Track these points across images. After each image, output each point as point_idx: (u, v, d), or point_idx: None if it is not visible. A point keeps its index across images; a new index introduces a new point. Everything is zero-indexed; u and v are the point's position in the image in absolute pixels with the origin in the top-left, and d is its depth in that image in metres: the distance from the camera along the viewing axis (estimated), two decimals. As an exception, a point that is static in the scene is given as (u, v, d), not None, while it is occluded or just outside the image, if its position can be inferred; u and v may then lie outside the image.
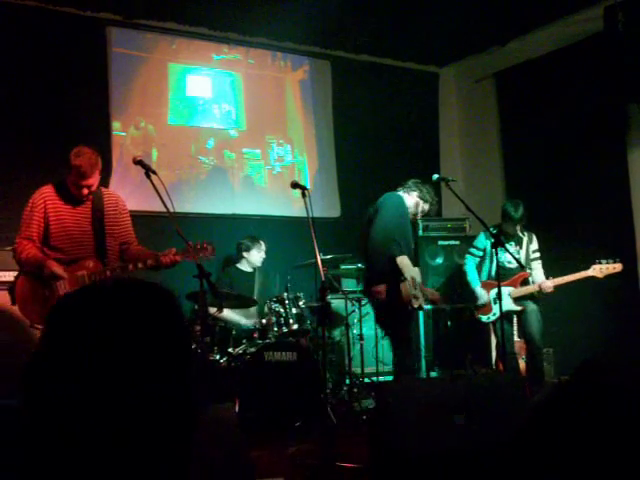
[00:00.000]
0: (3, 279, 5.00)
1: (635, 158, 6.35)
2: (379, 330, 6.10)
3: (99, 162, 4.21)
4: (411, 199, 5.10)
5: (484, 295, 5.73)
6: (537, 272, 5.76)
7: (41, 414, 0.95)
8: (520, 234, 5.76)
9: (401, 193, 5.10)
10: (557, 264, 5.85)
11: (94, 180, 4.21)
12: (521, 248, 5.74)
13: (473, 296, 5.82)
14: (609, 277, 5.43)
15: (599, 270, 5.38)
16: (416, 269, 5.20)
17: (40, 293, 4.09)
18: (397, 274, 4.97)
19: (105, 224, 4.36)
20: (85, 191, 4.23)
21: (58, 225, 4.23)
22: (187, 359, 1.03)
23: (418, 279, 5.12)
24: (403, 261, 4.82)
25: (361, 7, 6.53)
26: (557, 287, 5.57)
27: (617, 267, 5.39)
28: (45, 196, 4.25)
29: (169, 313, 1.03)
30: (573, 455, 0.98)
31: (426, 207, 5.17)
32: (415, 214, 5.16)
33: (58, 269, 4.07)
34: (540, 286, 5.59)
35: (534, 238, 5.85)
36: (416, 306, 5.02)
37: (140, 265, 4.16)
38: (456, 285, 6.55)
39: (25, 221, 4.21)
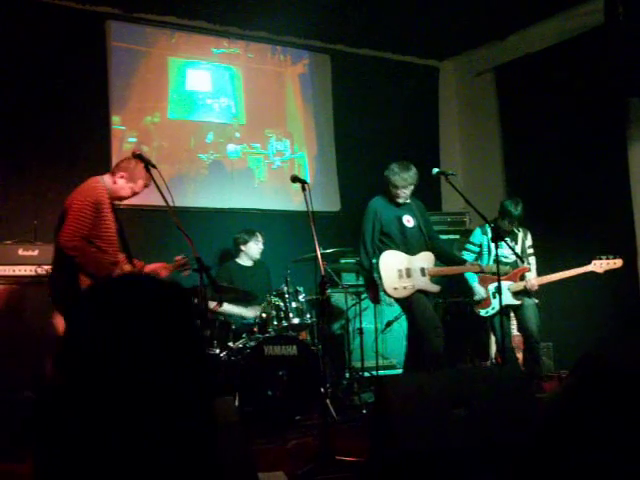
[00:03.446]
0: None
1: (635, 152, 6.34)
2: (378, 324, 6.13)
3: None
4: (387, 193, 5.34)
5: (481, 291, 5.75)
6: (531, 268, 5.79)
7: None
8: (515, 230, 5.78)
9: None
10: (556, 259, 5.85)
11: None
12: (516, 244, 5.76)
13: (471, 291, 5.82)
14: (609, 272, 5.47)
15: (599, 265, 5.44)
16: (418, 256, 5.20)
17: None
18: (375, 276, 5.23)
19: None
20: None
21: (109, 228, 4.10)
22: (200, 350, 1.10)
23: (417, 265, 5.13)
24: (380, 261, 5.13)
25: (361, 0, 6.51)
26: (558, 282, 5.59)
27: (617, 263, 5.46)
28: (105, 196, 4.10)
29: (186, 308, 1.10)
30: (593, 452, 0.97)
31: (397, 190, 5.24)
32: (397, 197, 5.27)
33: None
34: (526, 285, 5.63)
35: (529, 234, 5.87)
36: (398, 296, 5.06)
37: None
38: (454, 279, 6.54)
39: (85, 219, 3.95)
